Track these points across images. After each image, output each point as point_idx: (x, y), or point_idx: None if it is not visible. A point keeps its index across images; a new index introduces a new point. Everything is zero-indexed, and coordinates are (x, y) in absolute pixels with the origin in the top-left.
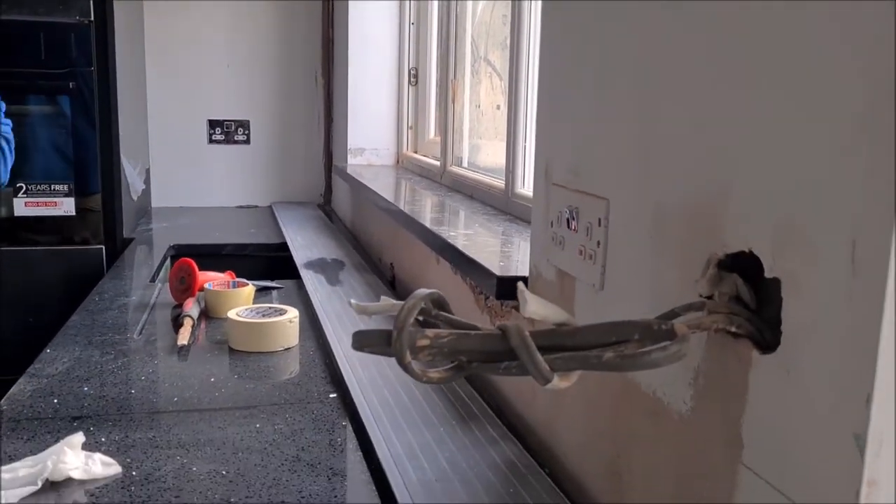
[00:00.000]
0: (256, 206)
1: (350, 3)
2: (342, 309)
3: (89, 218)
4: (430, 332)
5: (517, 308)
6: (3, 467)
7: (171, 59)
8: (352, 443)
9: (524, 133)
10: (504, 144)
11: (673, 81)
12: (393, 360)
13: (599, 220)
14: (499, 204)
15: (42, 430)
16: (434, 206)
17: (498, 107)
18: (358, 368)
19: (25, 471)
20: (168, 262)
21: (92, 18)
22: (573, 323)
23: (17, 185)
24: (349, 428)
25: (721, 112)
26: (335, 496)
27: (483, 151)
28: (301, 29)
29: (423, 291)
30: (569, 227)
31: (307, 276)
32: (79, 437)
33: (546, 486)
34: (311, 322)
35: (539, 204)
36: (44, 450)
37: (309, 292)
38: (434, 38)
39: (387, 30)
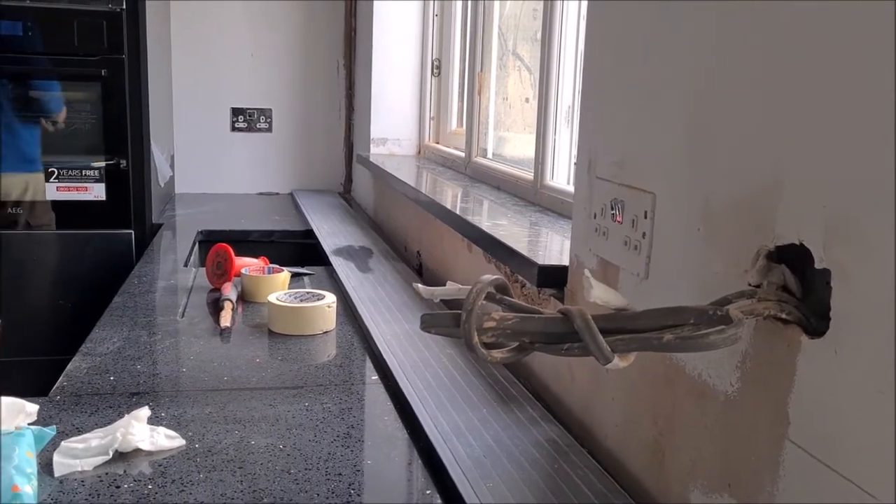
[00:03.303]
0: (277, 193)
1: None
2: (375, 295)
3: (119, 203)
4: (496, 314)
5: (555, 296)
6: (76, 438)
7: (196, 48)
8: (397, 422)
9: (554, 126)
10: (531, 137)
11: (722, 75)
12: (432, 344)
13: (645, 212)
14: (527, 195)
15: (103, 404)
16: (460, 196)
17: (527, 100)
18: (398, 352)
19: (97, 441)
20: (197, 246)
21: (124, 6)
22: (631, 308)
23: (49, 170)
24: (394, 408)
25: (772, 105)
26: (387, 470)
27: (510, 143)
28: (324, 19)
29: (488, 277)
30: (613, 218)
31: (337, 262)
32: (144, 411)
33: (589, 464)
34: (345, 307)
35: (581, 196)
36: (107, 423)
37: (341, 279)
38: (458, 30)
39: (410, 21)
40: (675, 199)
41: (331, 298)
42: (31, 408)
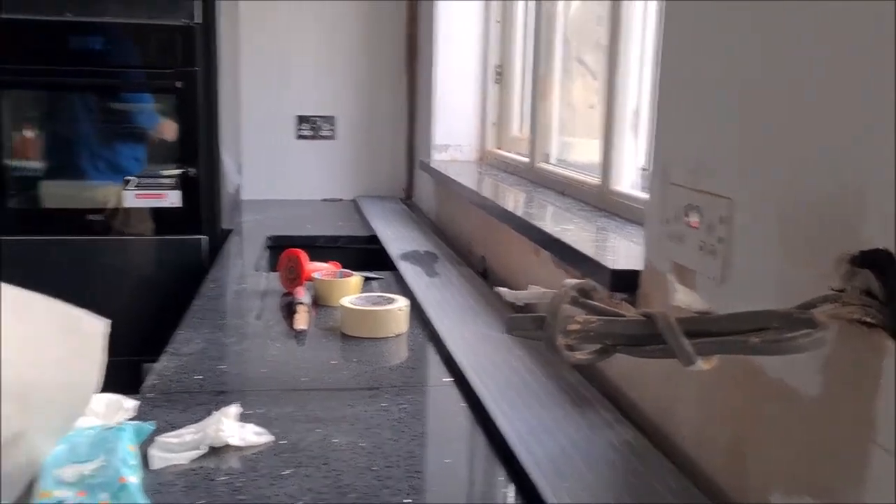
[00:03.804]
0: (340, 200)
1: (436, 1)
2: (443, 298)
3: (192, 210)
4: (580, 317)
5: (627, 300)
6: (171, 433)
7: (263, 58)
8: (472, 422)
9: (620, 132)
10: (596, 142)
11: (802, 80)
12: (503, 347)
13: (721, 217)
14: (593, 200)
15: (193, 402)
16: (525, 201)
17: (591, 106)
18: (469, 355)
19: (190, 437)
20: (268, 252)
21: (197, 21)
22: (713, 311)
23: (127, 178)
24: (467, 408)
25: (857, 107)
26: (466, 468)
27: (574, 149)
28: (386, 27)
29: (572, 281)
30: (688, 224)
31: (404, 267)
32: (234, 408)
33: (666, 466)
34: (415, 311)
35: (655, 202)
36: (197, 420)
37: (409, 283)
38: (519, 36)
39: (472, 27)
40: (753, 204)
41: (403, 302)
42: (130, 404)
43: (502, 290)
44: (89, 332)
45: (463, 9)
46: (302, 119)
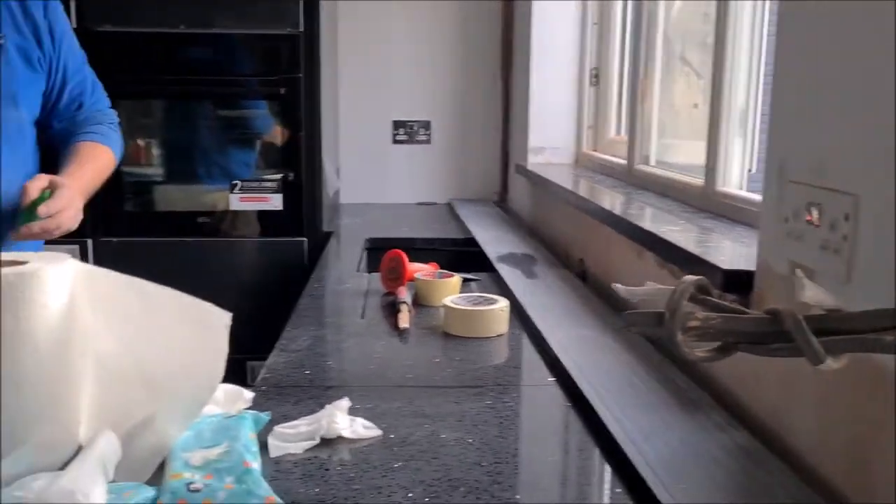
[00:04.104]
0: (435, 203)
1: (533, 4)
2: (543, 300)
3: (294, 212)
4: (700, 313)
5: (738, 301)
6: (287, 424)
7: (361, 64)
8: (578, 422)
9: (726, 131)
10: (698, 143)
11: None
12: (606, 348)
13: (846, 215)
14: (695, 201)
15: (304, 396)
16: (624, 203)
17: (695, 105)
18: (573, 355)
19: (305, 428)
20: (366, 253)
21: (301, 29)
22: (843, 309)
23: (233, 182)
24: (573, 409)
25: None
26: (575, 468)
27: (676, 151)
28: (481, 31)
29: (691, 277)
30: (808, 222)
31: (503, 269)
32: (345, 402)
33: (783, 470)
34: (515, 311)
35: (770, 200)
36: (309, 413)
37: (509, 284)
38: (617, 37)
39: (568, 30)
40: (882, 200)
41: (504, 302)
42: (248, 395)
43: (618, 286)
44: (215, 323)
45: (559, 11)
46: (398, 124)
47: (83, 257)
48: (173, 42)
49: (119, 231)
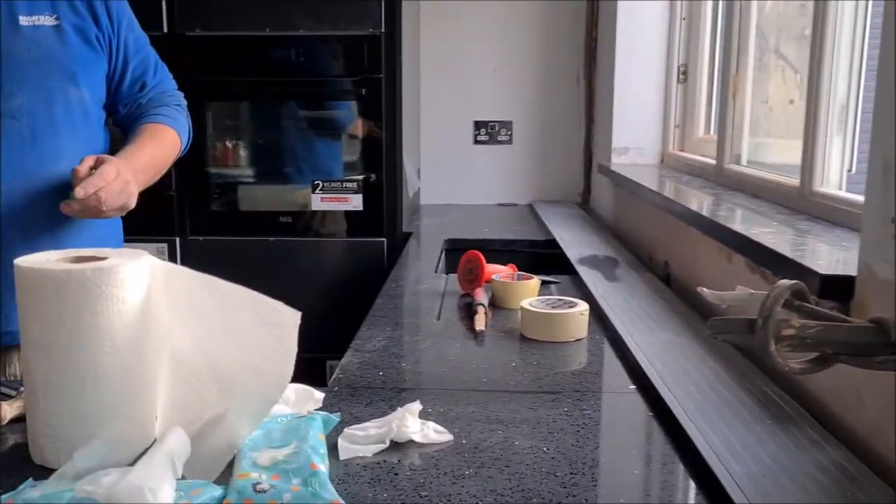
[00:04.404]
0: (516, 205)
1: (619, 2)
2: (625, 304)
3: (374, 213)
4: (796, 321)
5: (837, 309)
6: (357, 426)
7: (442, 64)
8: (661, 433)
9: (825, 128)
10: (793, 141)
11: None
12: (692, 355)
13: None
14: (790, 203)
15: (376, 398)
16: (712, 204)
17: (791, 101)
18: (656, 363)
19: (375, 430)
20: (444, 254)
21: (383, 29)
22: None
23: (314, 182)
24: (655, 419)
25: None
26: (656, 482)
27: (770, 150)
28: (564, 31)
29: (786, 282)
30: None
31: (583, 271)
32: (416, 406)
33: (887, 493)
34: (595, 315)
35: (874, 201)
36: (380, 415)
37: (590, 287)
38: (707, 33)
39: (655, 27)
40: None
41: (583, 306)
42: (319, 395)
43: (705, 290)
44: (285, 322)
45: (646, 8)
46: (479, 124)
47: (171, 256)
48: (259, 44)
49: (205, 230)
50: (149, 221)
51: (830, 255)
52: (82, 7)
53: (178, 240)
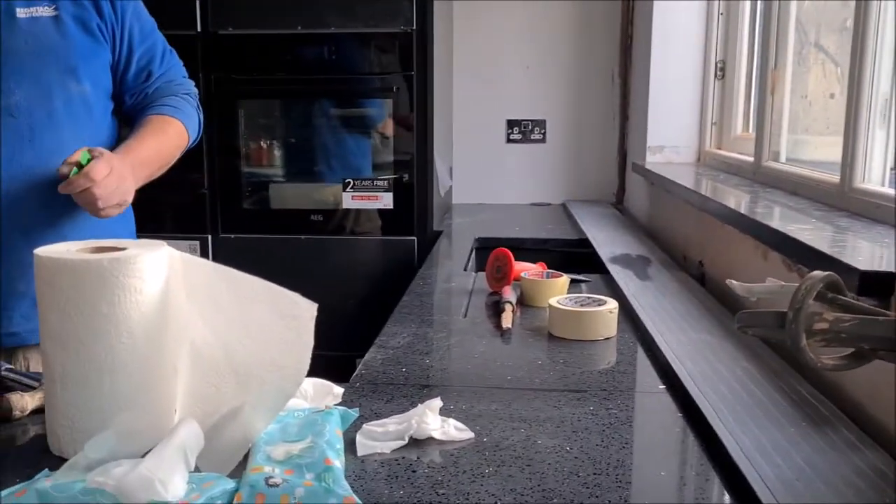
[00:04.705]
0: (549, 204)
1: (655, 2)
2: (656, 303)
3: (405, 211)
4: (829, 314)
5: (878, 306)
6: (376, 422)
7: (475, 62)
8: (689, 434)
9: (867, 123)
10: (835, 137)
11: None
12: (723, 354)
13: None
14: (830, 199)
15: (398, 394)
16: (750, 202)
17: (832, 95)
18: (686, 362)
19: (394, 427)
20: (474, 253)
21: (414, 27)
22: None
23: (345, 180)
24: (683, 419)
25: None
26: (683, 485)
27: (810, 147)
28: (598, 29)
29: (819, 273)
30: None
31: (615, 270)
32: (437, 402)
33: None
34: (625, 315)
35: None
36: (402, 411)
37: (621, 286)
38: (745, 27)
39: (692, 23)
40: None
41: (612, 304)
42: (338, 390)
43: (734, 282)
44: (302, 314)
45: (684, 6)
46: (512, 123)
47: (203, 253)
48: (291, 43)
49: (237, 228)
50: (181, 219)
51: (871, 251)
52: None
53: (209, 237)
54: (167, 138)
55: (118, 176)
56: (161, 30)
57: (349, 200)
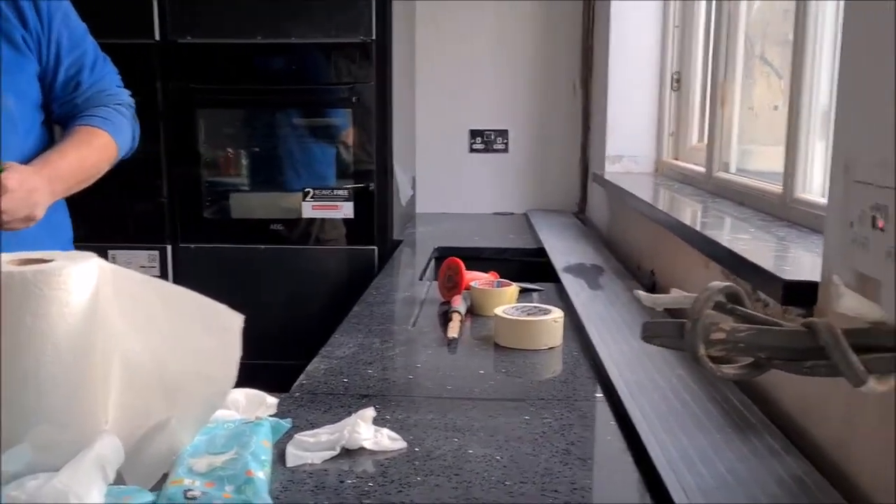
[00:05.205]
0: (512, 214)
1: (612, 10)
2: (605, 312)
3: (365, 221)
4: (725, 325)
5: (803, 315)
6: (308, 432)
7: (438, 72)
8: (620, 442)
9: (806, 133)
10: (779, 148)
11: None
12: (662, 363)
13: None
14: (773, 210)
15: (336, 404)
16: (699, 212)
17: (776, 107)
18: (625, 371)
19: (326, 437)
20: (433, 262)
21: (374, 37)
22: (890, 322)
23: (305, 190)
24: (617, 428)
25: None
26: (607, 492)
27: (757, 157)
28: (561, 39)
29: (717, 284)
30: (874, 226)
31: (567, 279)
32: (370, 412)
33: None
34: (572, 324)
35: (835, 204)
36: (337, 421)
37: (570, 295)
38: (700, 40)
39: (649, 35)
40: None
41: (557, 313)
42: (271, 401)
43: (640, 293)
44: (228, 326)
45: (640, 15)
46: (475, 133)
47: (162, 263)
48: (251, 52)
49: (197, 237)
50: (140, 229)
51: (802, 261)
52: (6, 8)
53: (169, 247)
54: (91, 151)
55: (27, 189)
56: (118, 38)
57: (309, 210)
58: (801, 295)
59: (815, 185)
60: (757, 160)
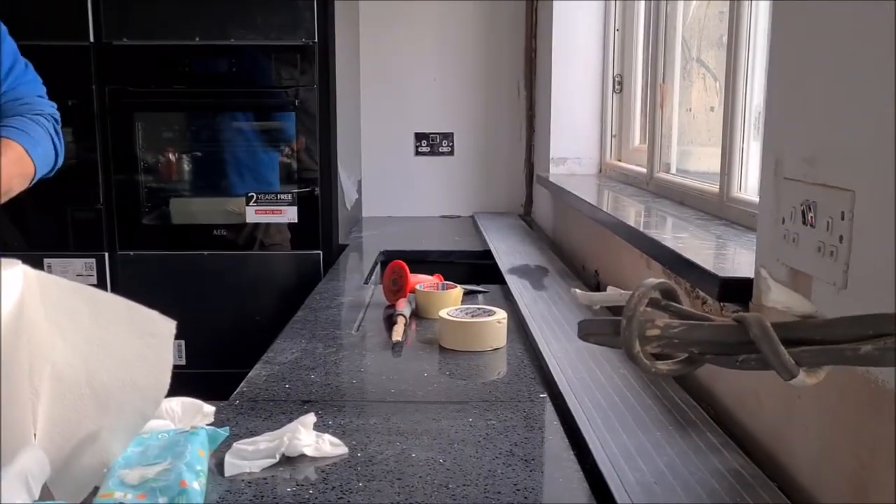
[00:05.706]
0: (459, 216)
1: (554, 13)
2: (548, 312)
3: (309, 225)
4: (660, 321)
5: (741, 310)
6: (247, 440)
7: (382, 75)
8: (563, 442)
9: (741, 134)
10: (717, 148)
11: None
12: (605, 362)
13: (843, 213)
14: (711, 209)
15: (276, 410)
16: (641, 212)
17: (712, 109)
18: (568, 370)
19: (265, 445)
20: (379, 266)
21: (316, 40)
22: (820, 315)
23: (249, 194)
24: (560, 427)
25: None
26: (550, 491)
27: (694, 157)
28: (505, 42)
29: (652, 281)
30: (804, 222)
31: (512, 281)
32: (311, 418)
33: (778, 499)
34: (517, 324)
35: (767, 200)
36: (278, 428)
37: (515, 296)
38: (640, 43)
39: (591, 37)
40: (879, 197)
41: (501, 314)
42: (208, 409)
43: (577, 291)
44: (161, 332)
45: (581, 18)
46: (420, 136)
47: (100, 271)
48: (189, 54)
49: (136, 244)
50: (77, 236)
51: (739, 258)
52: None
53: (106, 255)
54: (5, 164)
55: None
56: (51, 40)
57: (253, 215)
58: (737, 291)
59: (750, 185)
60: (696, 161)
